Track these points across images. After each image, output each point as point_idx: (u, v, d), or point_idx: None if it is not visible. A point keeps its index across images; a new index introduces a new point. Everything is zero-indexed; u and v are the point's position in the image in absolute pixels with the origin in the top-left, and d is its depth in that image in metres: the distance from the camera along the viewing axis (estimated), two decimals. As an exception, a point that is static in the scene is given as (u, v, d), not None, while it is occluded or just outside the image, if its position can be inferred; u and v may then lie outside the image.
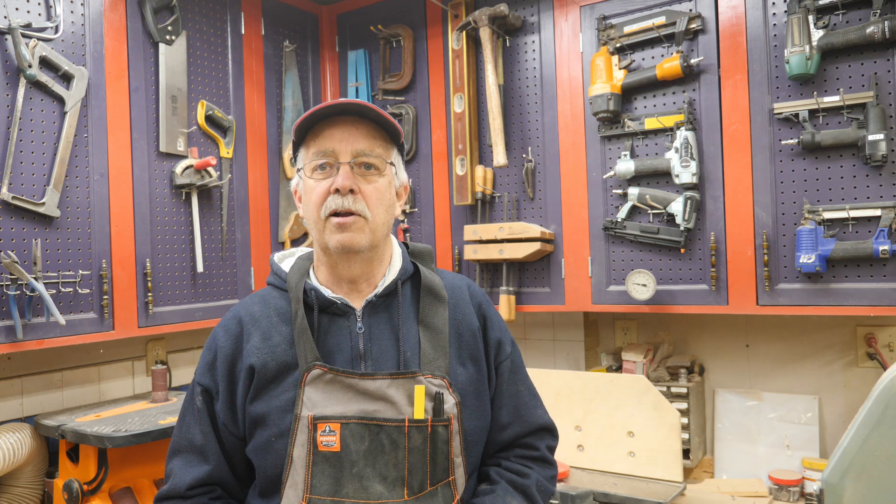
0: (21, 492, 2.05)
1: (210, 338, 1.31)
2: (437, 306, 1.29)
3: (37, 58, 1.87)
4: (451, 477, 1.22)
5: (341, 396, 1.19)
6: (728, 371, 2.44)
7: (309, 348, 1.20)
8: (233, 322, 1.29)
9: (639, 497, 1.99)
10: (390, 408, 1.19)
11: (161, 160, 2.21)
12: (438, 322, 1.28)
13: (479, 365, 1.30)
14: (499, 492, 1.27)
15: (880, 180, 1.86)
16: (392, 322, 1.26)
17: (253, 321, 1.27)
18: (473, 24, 2.39)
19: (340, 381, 1.19)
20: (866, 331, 2.19)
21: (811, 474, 2.13)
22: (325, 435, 1.17)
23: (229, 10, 2.46)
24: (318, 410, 1.18)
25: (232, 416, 1.25)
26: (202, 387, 1.27)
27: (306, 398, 1.18)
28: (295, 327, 1.23)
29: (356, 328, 1.25)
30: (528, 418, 1.35)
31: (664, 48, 2.17)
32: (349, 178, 1.21)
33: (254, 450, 1.23)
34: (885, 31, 1.79)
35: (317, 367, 1.19)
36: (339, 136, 1.22)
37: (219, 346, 1.27)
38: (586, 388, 2.26)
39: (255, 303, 1.31)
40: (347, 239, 1.20)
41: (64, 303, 1.93)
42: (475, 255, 2.42)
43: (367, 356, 1.23)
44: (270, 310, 1.28)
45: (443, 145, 2.57)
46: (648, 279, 2.14)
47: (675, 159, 2.09)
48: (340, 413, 1.18)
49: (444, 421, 1.20)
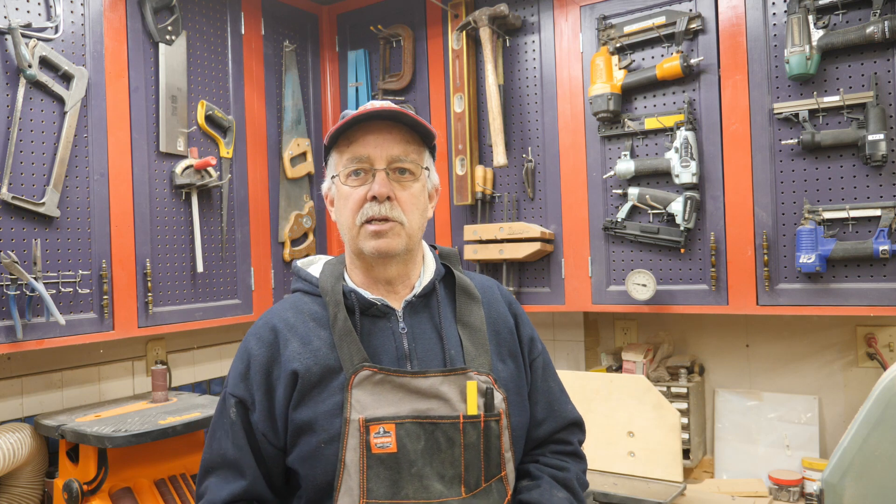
0: (21, 492, 2.05)
1: (241, 350, 1.27)
2: (472, 305, 1.31)
3: (37, 58, 1.87)
4: (503, 472, 1.23)
5: (391, 397, 1.17)
6: (728, 371, 2.44)
7: (355, 350, 1.19)
8: (265, 330, 1.25)
9: (639, 497, 1.99)
10: (444, 405, 1.19)
11: (161, 160, 2.21)
12: (476, 321, 1.29)
13: (518, 361, 1.32)
14: (544, 486, 1.29)
15: (880, 180, 1.86)
16: (433, 321, 1.27)
17: (288, 327, 1.24)
18: (473, 24, 2.39)
19: (391, 381, 1.18)
20: (866, 331, 2.19)
21: (811, 474, 2.13)
22: (379, 437, 1.15)
23: (229, 10, 2.46)
24: (369, 412, 1.16)
25: (272, 425, 1.21)
26: (236, 398, 1.23)
27: (355, 401, 1.16)
28: (335, 331, 1.21)
29: (399, 328, 1.24)
30: (561, 414, 1.38)
31: (664, 48, 2.17)
32: (386, 185, 1.21)
33: (300, 458, 1.19)
34: (885, 31, 1.79)
35: (365, 368, 1.17)
36: (374, 142, 1.22)
37: (252, 356, 1.23)
38: (586, 388, 2.26)
39: (287, 309, 1.28)
40: (384, 245, 1.21)
41: (64, 303, 1.93)
42: (475, 255, 2.42)
43: (412, 356, 1.22)
44: (305, 315, 1.25)
45: (443, 145, 2.57)
46: (648, 279, 2.14)
47: (675, 159, 2.09)
48: (393, 413, 1.16)
49: (495, 416, 1.22)
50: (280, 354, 1.21)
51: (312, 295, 1.29)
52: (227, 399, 1.24)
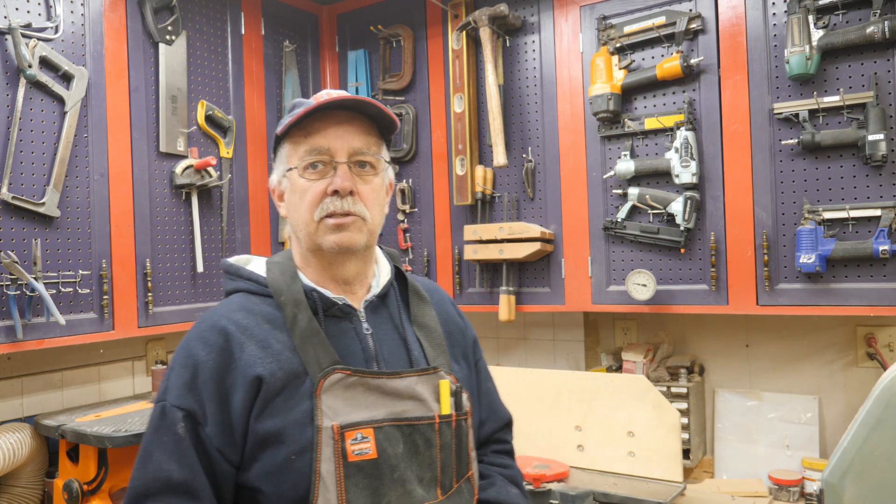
0: (21, 492, 2.05)
1: (181, 356, 1.12)
2: (424, 307, 1.29)
3: (37, 58, 1.87)
4: (471, 472, 1.21)
5: (365, 400, 1.11)
6: (728, 371, 2.44)
7: (323, 352, 1.11)
8: (212, 333, 1.12)
9: (639, 497, 1.99)
10: (419, 406, 1.15)
11: (161, 160, 2.21)
12: (430, 322, 1.28)
13: (469, 362, 1.33)
14: (499, 484, 1.30)
15: (880, 180, 1.86)
16: (393, 322, 1.24)
17: (241, 329, 1.12)
18: (473, 24, 2.39)
19: (365, 384, 1.12)
20: (866, 331, 2.19)
21: (811, 474, 2.13)
22: (357, 443, 1.07)
23: (229, 10, 2.46)
24: (343, 418, 1.08)
25: (228, 439, 1.08)
26: (184, 410, 1.08)
27: (325, 407, 1.08)
28: (295, 333, 1.13)
29: (363, 329, 1.19)
30: (499, 414, 1.40)
31: (664, 48, 2.17)
32: (348, 178, 1.15)
33: (265, 474, 1.07)
34: (885, 31, 1.79)
35: (337, 370, 1.10)
36: (334, 134, 1.16)
37: (199, 362, 1.09)
38: (586, 388, 2.26)
39: (234, 311, 1.16)
40: (346, 239, 1.15)
41: (64, 303, 1.93)
42: (475, 255, 2.42)
43: (378, 357, 1.17)
44: (257, 317, 1.15)
45: (443, 145, 2.57)
46: (648, 279, 2.14)
47: (675, 159, 2.09)
48: (370, 417, 1.10)
49: (464, 415, 1.20)
50: (235, 359, 1.10)
51: (260, 295, 1.19)
52: (170, 413, 1.08)
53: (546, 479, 2.08)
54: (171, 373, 1.12)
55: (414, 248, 2.65)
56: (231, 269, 1.25)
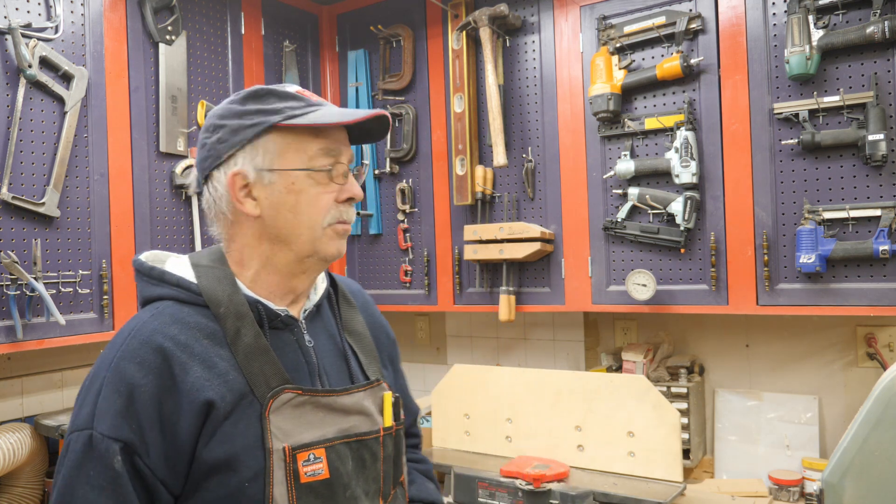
0: (21, 492, 2.05)
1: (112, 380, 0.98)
2: (353, 312, 1.26)
3: (37, 58, 1.87)
4: (402, 476, 1.22)
5: (313, 418, 1.06)
6: (728, 371, 2.44)
7: (271, 371, 1.04)
8: (147, 352, 1.00)
9: (639, 497, 1.99)
10: (365, 421, 1.13)
11: (161, 160, 2.21)
12: (360, 327, 1.25)
13: (395, 365, 1.34)
14: (419, 481, 1.34)
15: (880, 180, 1.86)
16: (329, 331, 1.19)
17: (181, 347, 1.01)
18: (473, 24, 2.39)
19: (314, 402, 1.07)
20: (866, 331, 2.19)
21: (811, 474, 2.13)
22: (309, 464, 1.03)
23: (229, 10, 2.46)
24: (293, 439, 1.03)
25: (172, 469, 0.99)
26: (121, 442, 0.96)
27: (275, 428, 1.02)
28: (238, 349, 1.04)
29: (305, 342, 1.13)
30: (412, 408, 1.41)
31: (664, 48, 2.17)
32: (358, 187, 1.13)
33: (214, 501, 1.00)
34: (885, 31, 1.79)
35: (287, 390, 1.04)
36: (342, 137, 1.13)
37: (135, 386, 0.97)
38: (586, 388, 2.26)
39: (169, 325, 1.03)
40: (344, 246, 1.14)
41: (64, 303, 1.93)
42: (475, 255, 2.42)
43: (321, 371, 1.12)
44: (195, 331, 1.03)
45: (443, 145, 2.57)
46: (648, 279, 2.14)
47: (675, 159, 2.09)
48: (320, 437, 1.06)
49: (401, 424, 1.19)
50: (178, 382, 0.99)
51: (192, 305, 1.07)
52: (101, 444, 0.96)
53: (546, 479, 2.08)
54: (97, 398, 0.99)
55: (414, 248, 2.65)
56: (154, 273, 1.10)
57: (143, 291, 1.11)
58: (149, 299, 1.10)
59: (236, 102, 1.11)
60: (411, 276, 2.66)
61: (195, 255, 1.15)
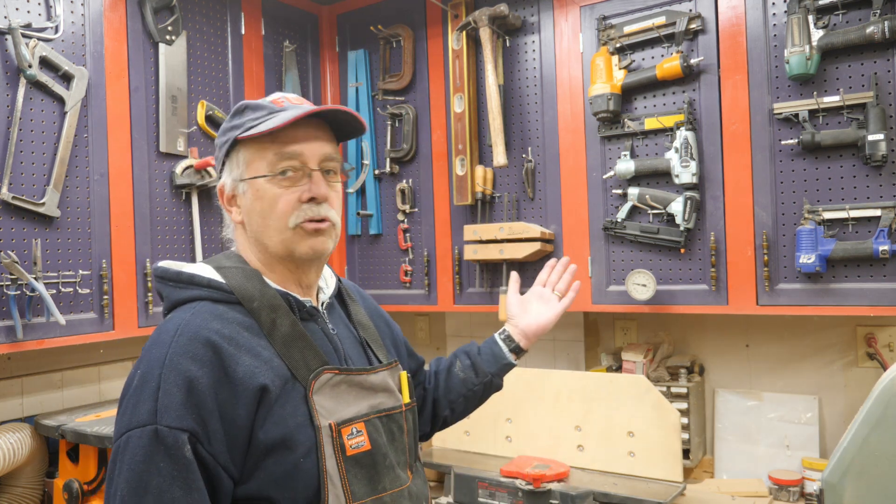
0: (21, 492, 2.05)
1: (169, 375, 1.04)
2: (356, 306, 1.39)
3: (37, 58, 1.87)
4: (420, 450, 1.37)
5: (349, 396, 1.18)
6: (728, 371, 2.44)
7: (311, 355, 1.15)
8: (197, 346, 1.06)
9: (639, 497, 1.99)
10: (390, 397, 1.25)
11: (161, 160, 2.21)
12: (364, 319, 1.37)
13: (399, 350, 1.46)
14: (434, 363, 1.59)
15: (880, 180, 1.86)
16: (344, 321, 1.32)
17: (228, 340, 1.09)
18: (473, 24, 2.39)
19: (349, 381, 1.18)
20: (866, 331, 2.19)
21: (811, 474, 2.13)
22: (353, 437, 1.14)
23: (229, 10, 2.46)
24: (336, 416, 1.14)
25: (232, 454, 1.06)
26: (188, 432, 1.01)
27: (319, 406, 1.12)
28: (276, 338, 1.13)
29: (329, 330, 1.24)
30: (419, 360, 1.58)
31: (664, 48, 2.17)
32: (324, 185, 1.18)
33: (273, 481, 1.07)
34: (885, 31, 1.79)
35: (326, 371, 1.15)
36: (304, 138, 1.17)
37: (193, 379, 1.04)
38: (586, 388, 2.26)
39: (210, 320, 1.10)
40: (321, 244, 1.18)
41: (64, 303, 1.93)
42: (475, 255, 2.42)
43: (346, 356, 1.24)
44: (234, 325, 1.11)
45: (443, 145, 2.57)
46: (648, 279, 2.14)
47: (675, 159, 2.09)
48: (357, 412, 1.17)
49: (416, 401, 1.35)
50: (230, 372, 1.06)
51: (224, 303, 1.14)
52: (171, 436, 1.01)
53: (546, 479, 2.08)
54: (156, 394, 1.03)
55: (414, 248, 2.65)
56: (183, 277, 1.17)
57: (171, 296, 1.17)
58: (179, 302, 1.16)
59: (226, 120, 1.24)
60: (411, 276, 2.66)
61: (212, 259, 1.23)
